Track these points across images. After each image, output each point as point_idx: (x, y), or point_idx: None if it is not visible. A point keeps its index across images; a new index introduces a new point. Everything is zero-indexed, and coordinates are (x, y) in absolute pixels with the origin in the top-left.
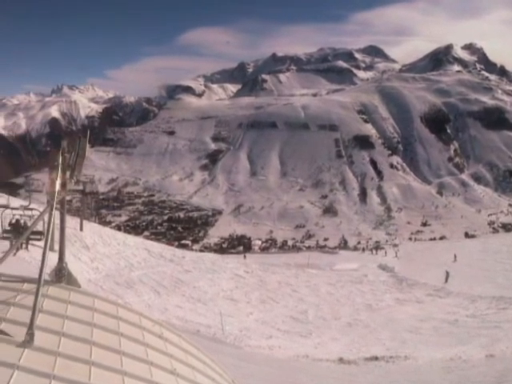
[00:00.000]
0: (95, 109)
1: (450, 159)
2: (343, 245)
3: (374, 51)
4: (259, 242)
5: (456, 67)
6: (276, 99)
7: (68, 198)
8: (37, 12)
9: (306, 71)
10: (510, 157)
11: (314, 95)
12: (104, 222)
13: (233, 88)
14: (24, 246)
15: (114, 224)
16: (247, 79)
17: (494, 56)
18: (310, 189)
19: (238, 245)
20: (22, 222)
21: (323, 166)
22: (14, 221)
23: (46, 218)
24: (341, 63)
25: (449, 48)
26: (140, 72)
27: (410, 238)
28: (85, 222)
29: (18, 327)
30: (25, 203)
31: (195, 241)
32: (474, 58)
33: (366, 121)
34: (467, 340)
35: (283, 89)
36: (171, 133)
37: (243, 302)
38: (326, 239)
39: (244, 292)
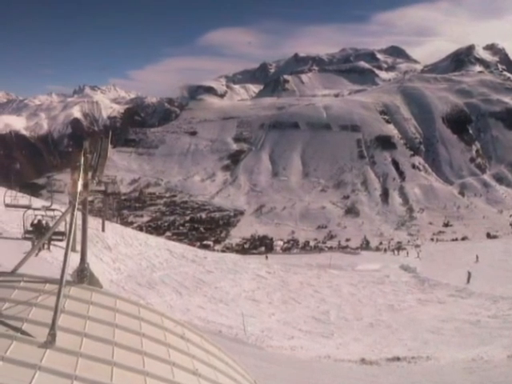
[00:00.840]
0: (117, 109)
1: (472, 160)
2: (365, 245)
3: (396, 52)
4: (281, 243)
5: (478, 68)
6: (298, 100)
7: (90, 198)
8: (58, 13)
9: (327, 72)
10: None
11: (336, 96)
12: (126, 223)
13: (255, 88)
14: (46, 246)
15: (135, 225)
16: (269, 80)
17: None
18: (332, 189)
19: (259, 245)
20: (43, 222)
21: (345, 166)
22: (35, 221)
23: (67, 218)
24: (363, 64)
25: (471, 48)
26: (162, 72)
27: (432, 239)
28: (107, 222)
29: (40, 328)
30: (47, 204)
31: (217, 241)
32: (496, 59)
33: (387, 121)
34: (489, 340)
35: (305, 89)
36: (193, 133)
37: (265, 302)
38: (347, 240)
39: (266, 292)
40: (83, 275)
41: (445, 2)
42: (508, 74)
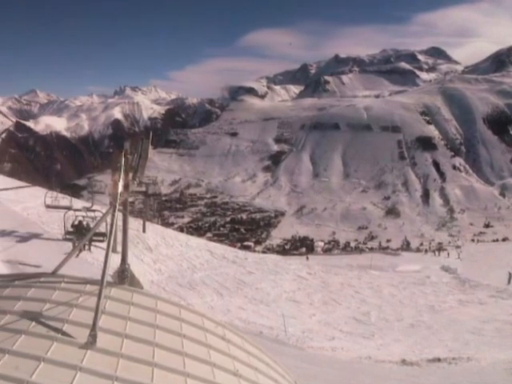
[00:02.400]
0: (158, 110)
1: None
2: (406, 246)
3: (437, 53)
4: (322, 244)
5: None
6: (338, 100)
7: (130, 199)
8: (100, 14)
9: (368, 72)
10: None
11: (377, 96)
12: (167, 224)
13: (295, 89)
14: (87, 247)
15: (176, 225)
16: (310, 80)
17: None
18: (373, 190)
19: (300, 246)
20: (84, 223)
21: (386, 167)
22: (76, 222)
23: (108, 219)
24: (403, 64)
25: (511, 49)
26: (202, 73)
27: (473, 240)
28: (147, 223)
29: (81, 329)
30: (87, 205)
31: (258, 242)
32: None
33: (428, 122)
34: None
35: (346, 90)
36: (234, 134)
37: (306, 303)
38: (388, 240)
39: (306, 293)
40: (124, 276)
41: (485, 3)
42: None
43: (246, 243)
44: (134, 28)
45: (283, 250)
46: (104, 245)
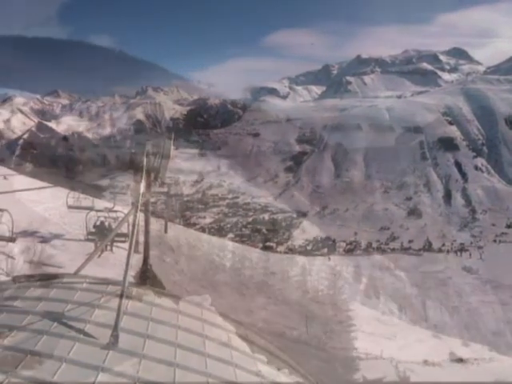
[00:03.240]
0: (180, 111)
1: None
2: (428, 247)
3: (458, 53)
4: (344, 244)
5: None
6: (360, 101)
7: (152, 200)
8: (120, 14)
9: (390, 73)
10: None
11: (399, 97)
12: (188, 224)
13: (317, 90)
14: (109, 247)
15: (198, 226)
16: (332, 81)
17: None
18: (395, 191)
19: (322, 247)
20: (106, 224)
21: (408, 168)
22: (98, 223)
23: (130, 219)
24: (425, 65)
25: None
26: (224, 74)
27: (495, 241)
28: (169, 223)
29: (103, 329)
30: (109, 205)
31: (280, 243)
32: None
33: (450, 123)
34: None
35: (367, 91)
36: (256, 135)
37: (328, 303)
38: (410, 241)
39: (329, 294)
40: (146, 277)
41: (505, 4)
42: None
43: (267, 244)
44: (156, 28)
45: (305, 251)
46: (126, 245)
